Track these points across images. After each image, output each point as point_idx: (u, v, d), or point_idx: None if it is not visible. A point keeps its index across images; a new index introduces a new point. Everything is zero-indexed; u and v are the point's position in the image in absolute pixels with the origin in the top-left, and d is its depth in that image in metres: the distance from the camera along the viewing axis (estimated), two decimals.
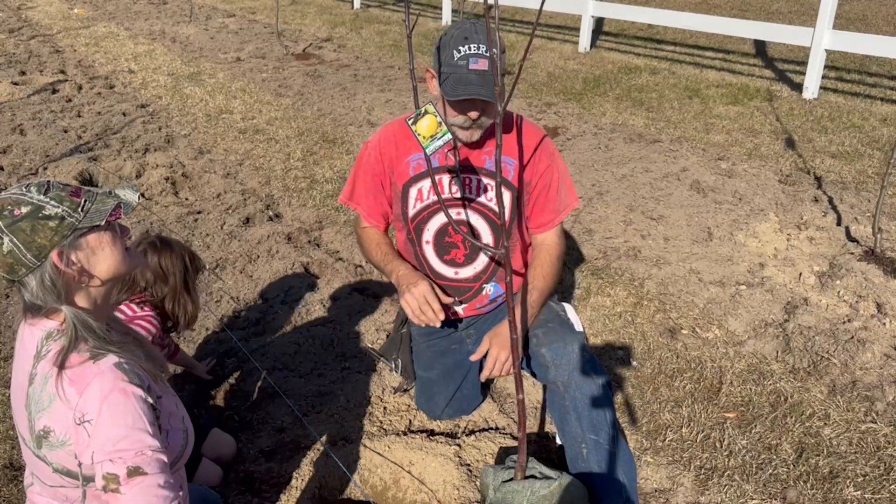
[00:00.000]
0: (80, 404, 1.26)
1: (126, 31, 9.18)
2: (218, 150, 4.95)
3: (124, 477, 1.25)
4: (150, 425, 1.30)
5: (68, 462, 1.30)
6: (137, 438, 1.27)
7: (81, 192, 1.32)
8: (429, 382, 2.30)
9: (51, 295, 1.31)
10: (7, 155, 4.79)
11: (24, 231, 1.25)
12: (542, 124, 5.44)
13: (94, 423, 1.26)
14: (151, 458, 1.28)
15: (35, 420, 1.30)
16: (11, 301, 3.08)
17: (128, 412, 1.27)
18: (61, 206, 1.28)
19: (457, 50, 1.78)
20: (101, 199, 1.33)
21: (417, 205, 2.08)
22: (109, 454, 1.25)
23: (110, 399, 1.27)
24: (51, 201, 1.28)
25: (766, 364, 2.63)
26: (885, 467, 2.12)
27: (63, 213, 1.28)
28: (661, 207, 3.95)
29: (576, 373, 1.90)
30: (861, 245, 3.42)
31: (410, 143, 2.05)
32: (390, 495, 2.08)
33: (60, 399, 1.27)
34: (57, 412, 1.28)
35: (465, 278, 2.13)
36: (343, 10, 10.76)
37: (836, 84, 6.25)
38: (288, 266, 3.36)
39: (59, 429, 1.28)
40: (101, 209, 1.31)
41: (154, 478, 1.27)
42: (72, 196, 1.30)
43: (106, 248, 1.34)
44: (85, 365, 1.29)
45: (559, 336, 1.95)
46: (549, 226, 2.10)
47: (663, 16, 7.18)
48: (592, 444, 1.88)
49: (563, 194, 2.11)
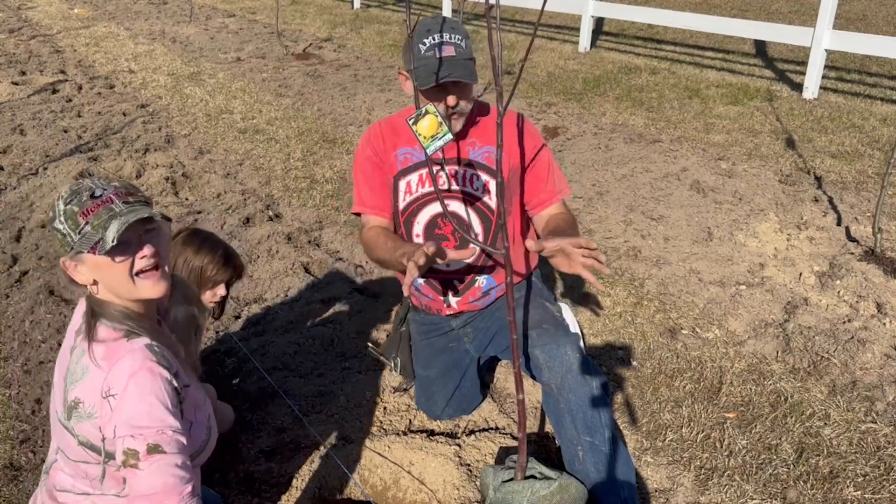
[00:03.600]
0: (109, 378, 1.32)
1: (126, 31, 9.18)
2: (218, 150, 4.95)
3: (144, 453, 1.30)
4: (173, 406, 1.35)
5: (92, 435, 1.35)
6: (159, 417, 1.32)
7: (91, 213, 1.34)
8: (428, 381, 2.30)
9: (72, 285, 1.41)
10: (7, 155, 4.79)
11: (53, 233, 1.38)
12: (542, 124, 5.44)
13: (118, 397, 1.31)
14: (171, 437, 1.33)
15: (69, 391, 1.37)
16: (11, 301, 3.08)
17: (153, 391, 1.32)
18: (64, 225, 1.35)
19: (422, 44, 1.86)
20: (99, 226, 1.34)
21: (407, 198, 2.10)
22: (131, 430, 1.30)
23: (138, 376, 1.32)
24: (60, 216, 1.35)
25: (766, 364, 2.63)
26: (886, 467, 2.12)
27: (65, 231, 1.35)
28: (661, 207, 3.95)
29: (569, 375, 1.90)
30: (861, 245, 3.42)
31: (396, 138, 2.09)
32: (390, 495, 2.08)
33: (92, 371, 1.34)
34: (87, 384, 1.34)
35: (457, 270, 2.13)
36: (343, 10, 10.76)
37: (837, 84, 6.25)
38: (288, 266, 3.36)
39: (88, 401, 1.34)
40: (91, 238, 1.33)
41: (172, 457, 1.32)
42: (82, 215, 1.34)
43: (112, 271, 1.37)
44: (119, 342, 1.36)
45: (553, 338, 1.95)
46: (548, 203, 2.09)
47: (663, 16, 7.18)
48: (588, 446, 1.88)
49: (555, 179, 2.11)
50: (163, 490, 1.30)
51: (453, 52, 1.84)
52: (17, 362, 2.67)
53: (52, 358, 2.69)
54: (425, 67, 1.85)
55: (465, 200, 2.07)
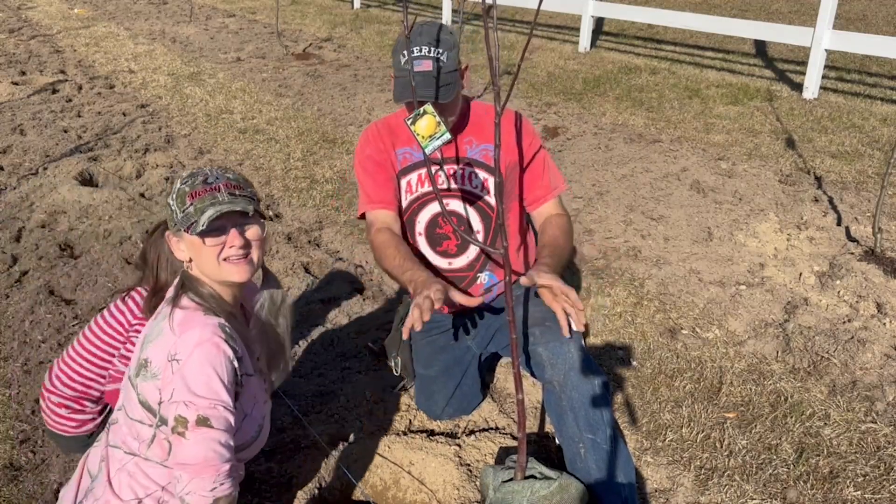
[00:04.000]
0: (178, 342, 1.40)
1: (126, 31, 9.18)
2: (218, 150, 4.95)
3: (192, 423, 1.36)
4: (230, 385, 1.41)
5: (151, 396, 1.42)
6: (215, 390, 1.38)
7: (197, 196, 1.44)
8: (428, 380, 2.30)
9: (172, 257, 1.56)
10: (7, 155, 4.79)
11: (168, 204, 1.50)
12: (542, 124, 5.44)
13: (182, 362, 1.38)
14: (221, 414, 1.39)
15: (144, 349, 1.46)
16: (11, 301, 3.08)
17: (215, 364, 1.39)
18: (175, 202, 1.47)
19: (402, 55, 1.85)
20: (198, 210, 1.44)
21: (408, 197, 2.10)
22: (186, 396, 1.37)
23: (203, 346, 1.39)
24: (174, 193, 1.47)
25: (766, 364, 2.62)
26: (886, 467, 2.12)
27: (174, 208, 1.47)
28: (661, 207, 3.95)
29: (572, 372, 1.90)
30: (861, 245, 3.42)
31: (394, 138, 2.09)
32: (390, 495, 2.08)
33: (166, 334, 1.42)
34: (159, 346, 1.43)
35: (460, 268, 2.14)
36: (343, 10, 10.76)
37: (837, 84, 6.25)
38: (288, 266, 3.36)
39: (155, 361, 1.42)
40: (189, 218, 1.44)
41: (218, 433, 1.38)
42: (189, 196, 1.45)
43: (202, 252, 1.47)
44: (196, 313, 1.45)
45: (556, 335, 1.95)
46: (543, 200, 2.10)
47: (663, 16, 7.18)
48: (590, 443, 1.88)
49: (550, 175, 2.12)
50: (203, 462, 1.37)
51: (430, 66, 1.81)
52: (17, 362, 2.67)
53: (52, 358, 2.69)
54: (401, 82, 1.84)
55: (464, 199, 2.08)
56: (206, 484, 1.37)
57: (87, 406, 1.97)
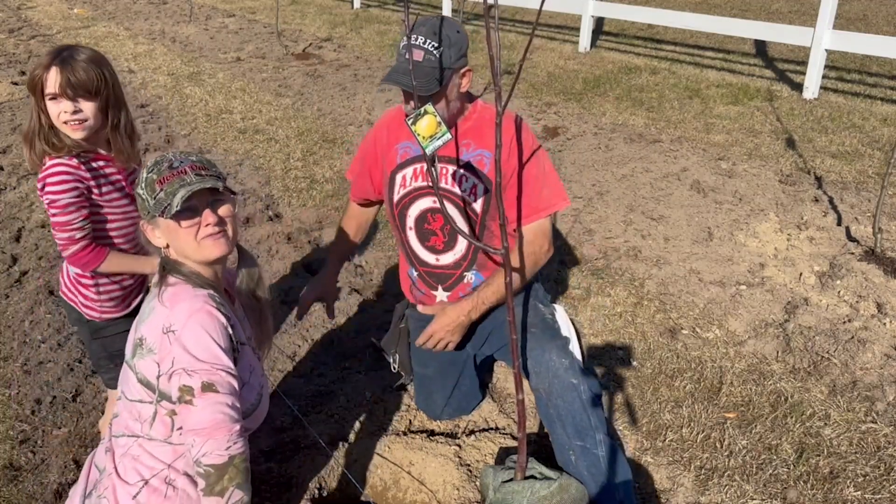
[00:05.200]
0: (170, 314, 1.44)
1: (126, 31, 9.18)
2: (218, 150, 4.95)
3: (198, 390, 1.40)
4: (227, 349, 1.45)
5: (149, 372, 1.45)
6: (215, 355, 1.42)
7: (166, 181, 1.47)
8: (426, 379, 2.30)
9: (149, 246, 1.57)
10: (7, 155, 4.79)
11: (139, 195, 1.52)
12: (542, 124, 5.44)
13: (178, 333, 1.42)
14: (224, 378, 1.43)
15: (137, 330, 1.49)
16: (11, 301, 3.08)
17: (211, 330, 1.43)
18: (144, 191, 1.49)
19: (403, 42, 1.86)
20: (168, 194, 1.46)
21: (401, 191, 2.11)
22: (187, 365, 1.40)
23: (197, 316, 1.43)
24: (142, 183, 1.50)
25: (766, 364, 2.62)
26: (886, 467, 2.12)
27: (144, 196, 1.49)
28: (661, 207, 3.95)
29: (556, 381, 1.89)
30: (861, 245, 3.41)
31: (400, 132, 2.09)
32: (390, 495, 2.08)
33: (157, 310, 1.46)
34: (152, 322, 1.46)
35: (446, 265, 2.14)
36: (343, 10, 10.76)
37: (837, 84, 6.25)
38: (288, 266, 3.36)
39: (150, 337, 1.45)
40: (161, 203, 1.46)
41: (224, 397, 1.42)
42: (158, 183, 1.47)
43: (179, 235, 1.50)
44: (185, 286, 1.49)
45: (539, 342, 1.95)
46: (524, 221, 2.05)
47: (663, 16, 7.18)
48: (580, 450, 1.87)
49: (545, 193, 2.04)
50: (212, 425, 1.40)
51: (420, 58, 1.82)
52: (17, 362, 2.67)
53: (51, 358, 2.69)
54: (393, 67, 1.87)
55: (452, 200, 2.07)
56: (221, 444, 1.41)
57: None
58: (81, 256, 1.78)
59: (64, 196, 1.74)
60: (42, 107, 1.75)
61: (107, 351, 1.97)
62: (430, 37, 1.84)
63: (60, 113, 1.74)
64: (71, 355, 2.70)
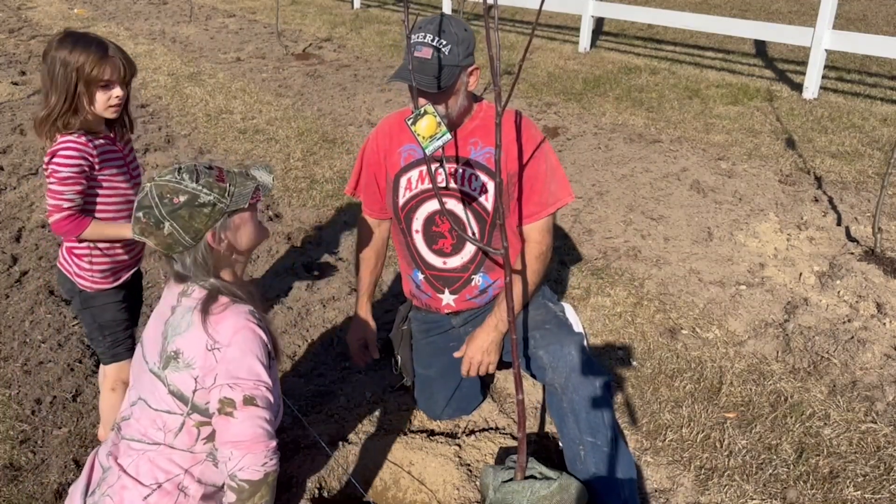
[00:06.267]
0: (214, 333, 1.44)
1: (126, 31, 9.18)
2: (218, 150, 4.96)
3: (240, 403, 1.42)
4: (266, 366, 1.47)
5: (185, 385, 1.46)
6: (256, 371, 1.44)
7: (225, 177, 1.49)
8: (428, 381, 2.30)
9: (202, 270, 1.50)
10: (7, 155, 4.79)
11: (183, 217, 1.44)
12: (542, 124, 5.44)
13: (223, 349, 1.43)
14: (263, 393, 1.45)
15: (169, 342, 1.48)
16: (11, 301, 3.08)
17: (254, 346, 1.45)
18: (213, 194, 1.46)
19: (411, 39, 1.86)
20: (242, 181, 1.50)
21: (406, 194, 2.10)
22: (230, 379, 1.42)
23: (242, 333, 1.45)
24: (203, 189, 1.45)
25: (766, 364, 2.62)
26: (886, 467, 2.12)
27: (214, 199, 1.46)
28: (661, 207, 3.95)
29: (573, 375, 1.90)
30: (861, 245, 3.42)
31: (403, 135, 2.08)
32: (390, 495, 2.08)
33: (197, 326, 1.45)
34: (191, 337, 1.46)
35: (454, 268, 2.14)
36: (343, 10, 10.76)
37: (837, 84, 6.25)
38: (288, 266, 3.37)
39: (189, 352, 1.45)
40: (243, 192, 1.49)
41: (262, 411, 1.44)
42: (218, 181, 1.47)
43: (248, 224, 1.53)
44: (226, 304, 1.49)
45: (556, 338, 1.95)
46: (532, 218, 2.06)
47: (663, 16, 7.18)
48: (590, 446, 1.88)
49: (552, 188, 2.05)
50: (252, 439, 1.42)
51: (428, 55, 1.82)
52: (17, 362, 2.67)
53: (51, 358, 2.69)
54: (401, 65, 1.86)
55: (462, 199, 2.07)
56: (259, 459, 1.43)
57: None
58: (64, 224, 1.88)
59: (66, 169, 1.85)
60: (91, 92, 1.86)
61: (96, 322, 2.06)
62: (438, 35, 1.84)
63: (111, 98, 1.89)
64: (71, 355, 2.70)
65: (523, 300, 2.06)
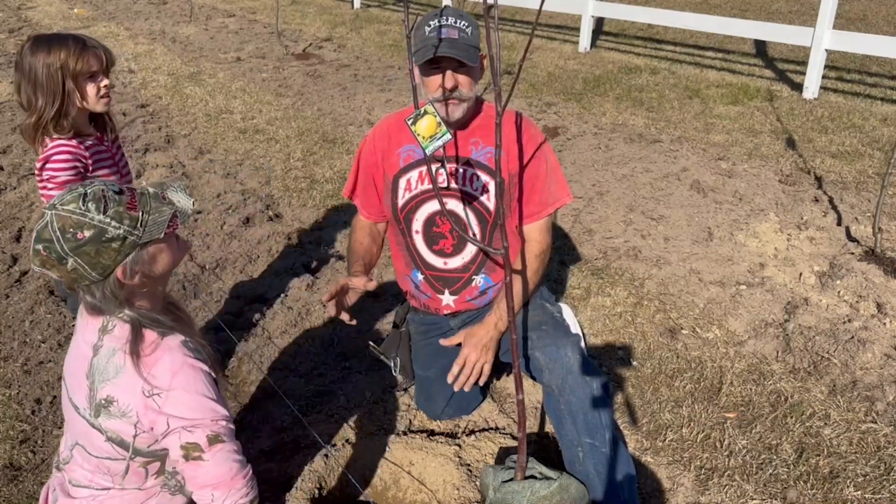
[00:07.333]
0: (151, 378, 1.34)
1: (126, 31, 9.18)
2: (218, 150, 4.95)
3: (206, 444, 1.35)
4: (217, 397, 1.40)
5: (124, 432, 1.37)
6: (210, 408, 1.37)
7: (137, 204, 1.34)
8: (427, 381, 2.30)
9: (112, 304, 1.36)
10: (7, 155, 4.79)
11: (88, 254, 1.29)
12: (542, 124, 5.44)
13: (164, 394, 1.33)
14: (226, 427, 1.39)
15: (98, 389, 1.36)
16: (11, 301, 3.08)
17: (198, 384, 1.36)
18: (122, 226, 1.31)
19: (427, 26, 1.87)
20: (157, 207, 1.36)
21: (406, 195, 2.09)
22: (186, 423, 1.34)
23: (182, 373, 1.35)
24: (112, 222, 1.29)
25: (766, 364, 2.62)
26: (886, 467, 2.12)
27: (124, 233, 1.31)
28: (661, 207, 3.95)
29: (570, 376, 1.89)
30: (861, 245, 3.41)
31: (402, 136, 2.08)
32: (390, 495, 2.08)
33: (129, 371, 1.34)
34: (123, 383, 1.34)
35: (455, 269, 2.14)
36: (343, 10, 10.76)
37: (837, 84, 6.25)
38: (288, 266, 3.36)
39: (123, 399, 1.34)
40: (158, 221, 1.35)
41: (230, 445, 1.39)
42: (129, 210, 1.32)
43: (164, 252, 1.40)
44: (154, 342, 1.37)
45: (552, 339, 1.95)
46: (532, 218, 2.07)
47: (663, 16, 7.18)
48: (588, 447, 1.88)
49: (552, 188, 2.07)
50: (229, 475, 1.39)
51: (456, 35, 1.84)
52: (17, 362, 2.67)
53: (52, 358, 2.69)
54: (424, 47, 1.85)
55: (463, 199, 2.07)
56: (241, 492, 1.40)
57: None
58: None
59: (64, 174, 1.87)
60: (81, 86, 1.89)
61: None
62: (458, 17, 1.87)
63: (100, 88, 1.92)
64: None
65: (523, 299, 2.05)
